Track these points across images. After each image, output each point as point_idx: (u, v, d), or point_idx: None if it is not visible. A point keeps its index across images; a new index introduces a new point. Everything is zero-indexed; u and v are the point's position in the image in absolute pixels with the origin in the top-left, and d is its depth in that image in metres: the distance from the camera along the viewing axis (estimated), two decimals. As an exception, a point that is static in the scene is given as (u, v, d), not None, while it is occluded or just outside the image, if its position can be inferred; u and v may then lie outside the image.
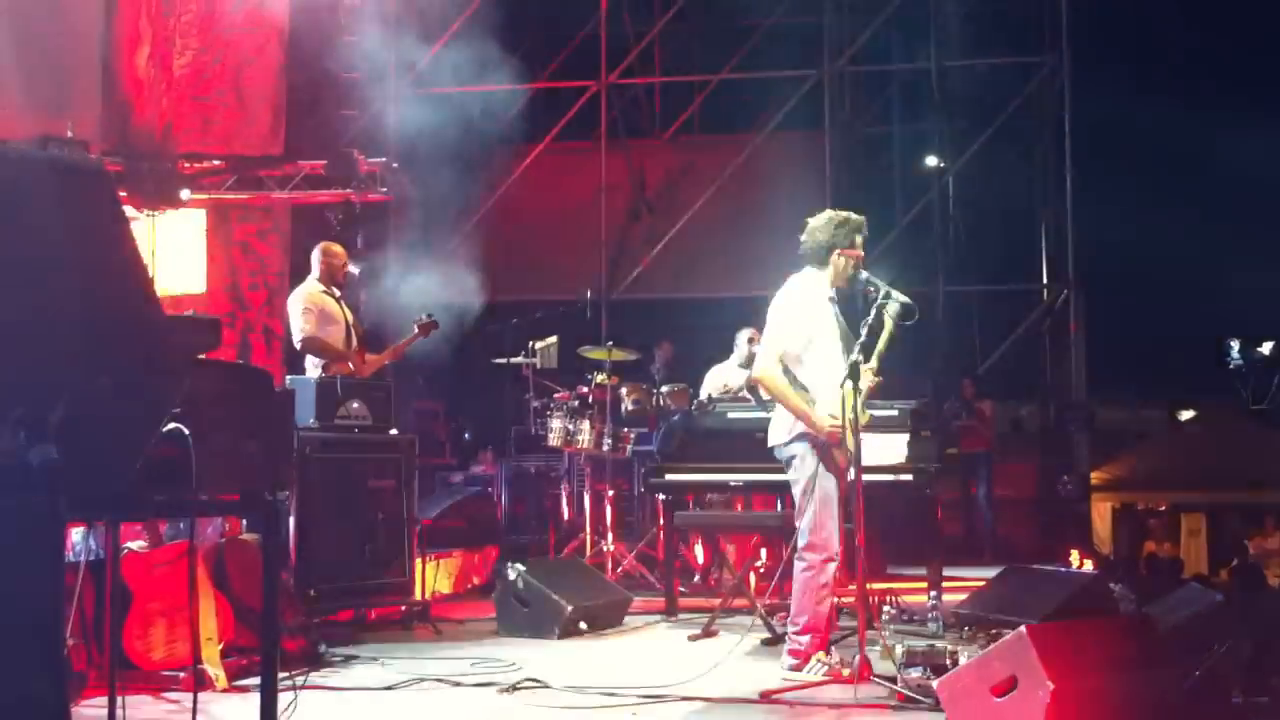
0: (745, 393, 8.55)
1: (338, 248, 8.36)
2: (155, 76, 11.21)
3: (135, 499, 2.75)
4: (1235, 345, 4.94)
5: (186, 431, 2.75)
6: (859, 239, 6.00)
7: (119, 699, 3.58)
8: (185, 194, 10.90)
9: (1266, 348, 4.98)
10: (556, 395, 9.72)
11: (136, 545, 5.61)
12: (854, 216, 6.06)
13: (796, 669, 5.77)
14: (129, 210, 10.58)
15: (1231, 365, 4.78)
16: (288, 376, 8.19)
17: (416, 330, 8.45)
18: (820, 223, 6.04)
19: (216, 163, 11.47)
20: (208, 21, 11.67)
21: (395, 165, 12.09)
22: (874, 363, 5.77)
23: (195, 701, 3.51)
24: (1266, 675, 4.88)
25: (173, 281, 11.15)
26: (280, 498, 3.32)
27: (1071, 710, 4.31)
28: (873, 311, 5.78)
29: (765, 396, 7.83)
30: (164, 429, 2.73)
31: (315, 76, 13.03)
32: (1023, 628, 4.45)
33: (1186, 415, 16.20)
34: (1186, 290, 15.92)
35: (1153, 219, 16.71)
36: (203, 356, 3.48)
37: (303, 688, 4.89)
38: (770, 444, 6.08)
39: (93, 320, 2.27)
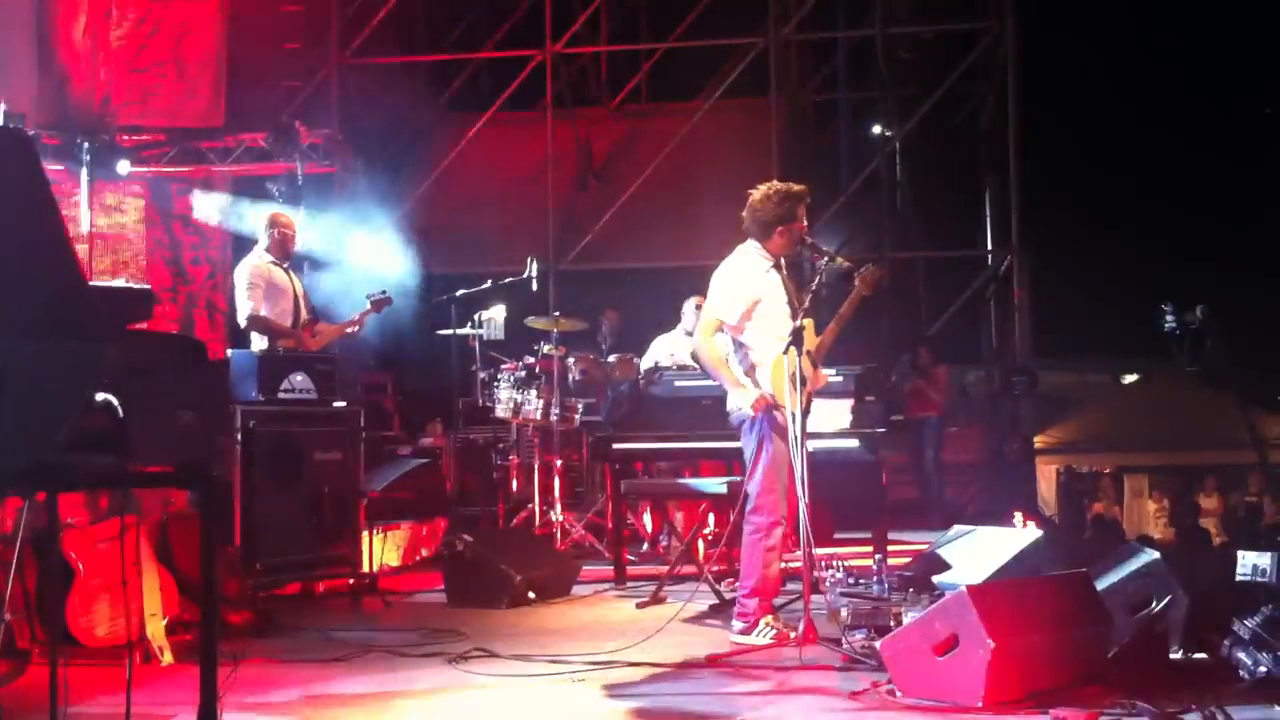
0: (691, 361, 8.55)
1: (287, 217, 8.26)
2: (92, 48, 11.03)
3: (64, 470, 2.71)
4: (1169, 311, 4.99)
5: (116, 402, 2.71)
6: (800, 210, 5.97)
7: (61, 676, 3.53)
8: (125, 167, 10.74)
9: (1199, 311, 5.04)
10: (504, 366, 9.69)
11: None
12: (795, 188, 5.97)
13: (744, 633, 5.81)
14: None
15: (1166, 329, 4.82)
16: (230, 350, 8.11)
17: (370, 305, 8.39)
18: (761, 198, 5.94)
19: (157, 135, 11.31)
20: (145, -9, 11.51)
21: (339, 137, 11.99)
22: (816, 330, 5.79)
23: (130, 678, 3.47)
24: (1204, 631, 4.96)
25: (113, 256, 11.00)
26: (216, 470, 3.28)
27: (1012, 668, 4.37)
28: (817, 278, 5.80)
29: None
30: (94, 400, 2.69)
31: (256, 47, 12.87)
32: (963, 587, 4.50)
33: (1130, 379, 16.42)
34: (1130, 255, 16.08)
35: (1096, 184, 16.88)
36: (138, 328, 3.44)
37: (247, 660, 4.88)
38: (728, 408, 6.07)
39: (12, 288, 2.24)
